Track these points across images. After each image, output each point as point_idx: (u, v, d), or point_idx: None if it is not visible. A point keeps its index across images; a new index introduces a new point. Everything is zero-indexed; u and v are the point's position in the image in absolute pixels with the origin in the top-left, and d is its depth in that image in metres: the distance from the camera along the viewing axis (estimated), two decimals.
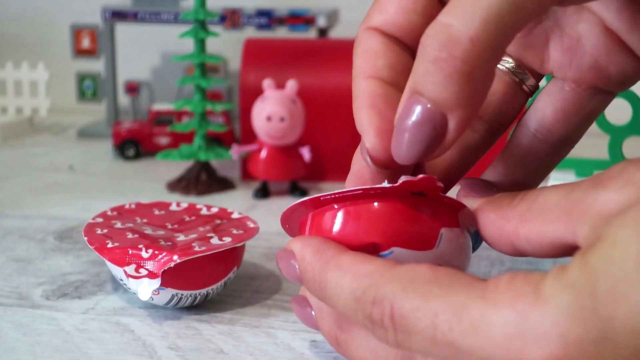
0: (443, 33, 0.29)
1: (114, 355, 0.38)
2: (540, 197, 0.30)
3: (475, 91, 0.29)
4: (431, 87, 0.29)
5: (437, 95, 0.29)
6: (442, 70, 0.29)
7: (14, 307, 0.43)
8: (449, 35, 0.29)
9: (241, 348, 0.38)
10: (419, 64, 0.30)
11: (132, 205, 0.48)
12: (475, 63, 0.29)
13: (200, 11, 0.64)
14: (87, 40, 0.83)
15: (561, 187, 0.30)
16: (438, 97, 0.29)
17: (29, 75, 0.87)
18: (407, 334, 0.28)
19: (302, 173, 0.65)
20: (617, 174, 0.28)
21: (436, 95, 0.29)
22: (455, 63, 0.29)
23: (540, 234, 0.30)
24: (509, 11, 0.28)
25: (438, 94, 0.29)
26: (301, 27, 0.79)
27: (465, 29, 0.28)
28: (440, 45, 0.29)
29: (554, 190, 0.30)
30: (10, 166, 0.73)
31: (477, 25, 0.28)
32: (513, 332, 0.26)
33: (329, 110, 0.67)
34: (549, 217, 0.30)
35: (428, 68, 0.29)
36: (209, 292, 0.42)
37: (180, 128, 0.66)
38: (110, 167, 0.73)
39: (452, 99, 0.29)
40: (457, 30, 0.28)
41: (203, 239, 0.42)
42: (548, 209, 0.30)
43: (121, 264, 0.41)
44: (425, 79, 0.29)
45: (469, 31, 0.28)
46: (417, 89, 0.30)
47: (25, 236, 0.54)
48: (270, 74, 0.66)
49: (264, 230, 0.54)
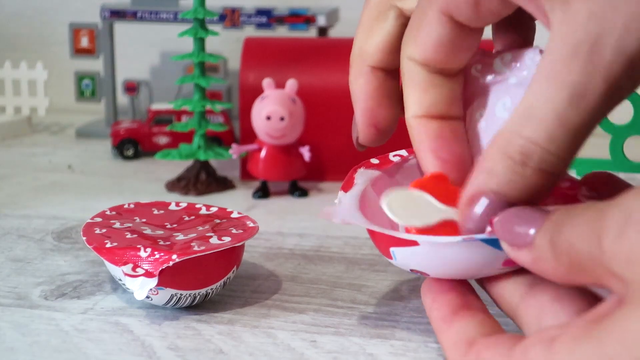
0: (524, 148, 0.30)
1: (113, 355, 0.38)
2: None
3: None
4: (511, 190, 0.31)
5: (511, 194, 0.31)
6: (525, 179, 0.31)
7: (12, 307, 0.43)
8: (530, 151, 0.30)
9: (240, 348, 0.38)
10: (498, 167, 0.31)
11: (131, 205, 0.48)
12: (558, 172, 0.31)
13: (199, 10, 0.63)
14: (85, 39, 0.83)
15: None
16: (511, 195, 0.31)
17: (28, 74, 0.86)
18: None
19: (302, 173, 0.65)
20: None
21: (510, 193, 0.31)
22: (538, 177, 0.31)
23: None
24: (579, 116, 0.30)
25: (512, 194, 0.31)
26: (301, 26, 0.79)
27: (555, 151, 0.30)
28: (521, 158, 0.30)
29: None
30: (8, 166, 0.73)
31: (562, 146, 0.30)
32: None
33: (329, 110, 0.67)
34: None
35: (511, 178, 0.31)
36: (208, 292, 0.42)
37: (180, 127, 0.66)
38: (109, 167, 0.73)
39: (526, 198, 0.31)
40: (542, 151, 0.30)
41: (202, 238, 0.42)
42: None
43: (119, 263, 0.41)
44: (508, 185, 0.31)
45: (557, 151, 0.30)
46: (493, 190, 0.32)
47: (23, 236, 0.54)
48: (270, 73, 0.65)
49: (264, 230, 0.54)
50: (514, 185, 0.31)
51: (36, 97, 0.86)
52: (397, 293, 0.45)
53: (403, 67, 0.35)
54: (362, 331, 0.40)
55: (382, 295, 0.44)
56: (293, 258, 0.50)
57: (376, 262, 0.49)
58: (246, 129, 0.66)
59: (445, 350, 0.32)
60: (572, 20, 0.29)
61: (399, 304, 0.43)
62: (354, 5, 0.92)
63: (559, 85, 0.29)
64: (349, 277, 0.47)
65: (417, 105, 0.35)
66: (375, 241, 0.38)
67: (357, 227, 0.38)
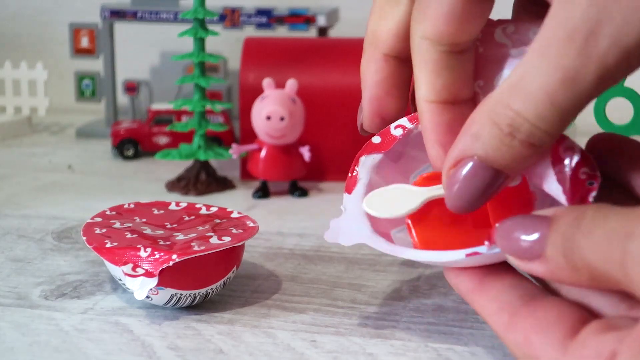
0: (513, 121, 0.31)
1: (112, 355, 0.38)
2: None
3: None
4: (494, 154, 0.31)
5: (498, 160, 0.32)
6: (512, 149, 0.31)
7: (12, 307, 0.43)
8: (518, 124, 0.31)
9: (240, 348, 0.38)
10: (485, 132, 0.31)
11: (131, 204, 0.48)
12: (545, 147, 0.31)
13: (199, 10, 0.63)
14: (86, 39, 0.83)
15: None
16: (498, 162, 0.32)
17: (28, 74, 0.86)
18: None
19: (302, 173, 0.65)
20: None
21: (496, 160, 0.32)
22: (525, 149, 0.31)
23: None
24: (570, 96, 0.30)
25: (499, 161, 0.32)
26: (301, 26, 0.79)
27: (543, 127, 0.30)
28: (510, 129, 0.31)
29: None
30: (8, 166, 0.73)
31: (550, 124, 0.30)
32: None
33: (329, 110, 0.67)
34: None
35: (497, 146, 0.31)
36: (208, 292, 0.42)
37: (180, 127, 0.66)
38: (109, 167, 0.73)
39: (512, 167, 0.32)
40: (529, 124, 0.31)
41: (202, 238, 0.42)
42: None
43: (119, 263, 0.41)
44: (494, 151, 0.31)
45: (546, 128, 0.30)
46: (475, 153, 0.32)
47: (23, 236, 0.54)
48: (270, 73, 0.65)
49: (264, 230, 0.54)
50: (500, 153, 0.31)
51: (36, 97, 0.86)
52: (397, 293, 0.45)
53: (414, 48, 0.35)
54: (362, 331, 0.40)
55: (382, 295, 0.44)
56: (293, 258, 0.50)
57: (376, 262, 0.49)
58: (246, 129, 0.66)
59: (485, 319, 0.33)
60: (573, 4, 0.29)
61: (399, 304, 0.43)
62: (354, 5, 0.92)
63: (553, 66, 0.29)
64: (349, 277, 0.47)
65: (430, 88, 0.35)
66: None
67: None
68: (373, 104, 0.38)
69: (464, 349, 0.38)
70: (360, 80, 0.39)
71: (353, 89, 0.66)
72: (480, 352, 0.38)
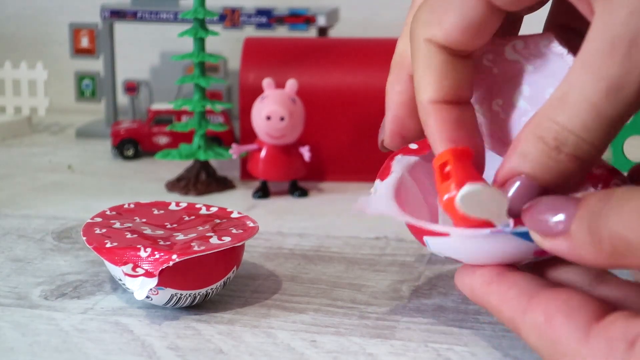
0: (559, 134, 0.31)
1: (112, 355, 0.38)
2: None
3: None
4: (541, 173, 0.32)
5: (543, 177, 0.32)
6: (558, 163, 0.31)
7: (12, 307, 0.43)
8: (564, 137, 0.31)
9: (240, 348, 0.38)
10: (531, 151, 0.32)
11: (131, 205, 0.48)
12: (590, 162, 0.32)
13: (199, 10, 0.63)
14: (86, 39, 0.83)
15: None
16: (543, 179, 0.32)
17: (28, 74, 0.86)
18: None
19: (302, 173, 0.65)
20: None
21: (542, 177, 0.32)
22: (572, 163, 0.32)
23: None
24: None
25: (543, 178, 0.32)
26: (301, 26, 0.79)
27: (589, 139, 0.31)
28: (556, 143, 0.31)
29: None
30: (8, 166, 0.73)
31: (596, 135, 0.31)
32: None
33: (329, 110, 0.67)
34: None
35: (544, 162, 0.32)
36: (208, 292, 0.42)
37: (180, 127, 0.66)
38: (109, 167, 0.73)
39: (558, 183, 0.32)
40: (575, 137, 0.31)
41: (202, 238, 0.42)
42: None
43: (119, 263, 0.41)
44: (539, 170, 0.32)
45: (591, 140, 0.31)
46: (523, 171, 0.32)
47: (23, 236, 0.54)
48: (270, 73, 0.65)
49: (264, 230, 0.54)
50: (547, 169, 0.31)
51: (36, 97, 0.86)
52: (397, 293, 0.45)
53: (417, 49, 0.35)
54: (362, 331, 0.40)
55: (382, 295, 0.44)
56: (293, 258, 0.50)
57: (376, 262, 0.49)
58: (246, 129, 0.66)
59: (501, 307, 0.33)
60: (613, 15, 0.29)
61: (399, 304, 0.43)
62: (354, 5, 0.92)
63: (596, 77, 0.30)
64: (349, 277, 0.47)
65: (436, 89, 0.35)
66: (409, 229, 0.38)
67: (384, 219, 0.38)
68: (395, 124, 0.39)
69: (464, 349, 0.38)
70: (385, 100, 0.39)
71: (353, 89, 0.66)
72: (480, 352, 0.38)
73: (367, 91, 0.66)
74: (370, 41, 0.71)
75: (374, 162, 0.67)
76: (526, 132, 0.32)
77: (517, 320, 0.32)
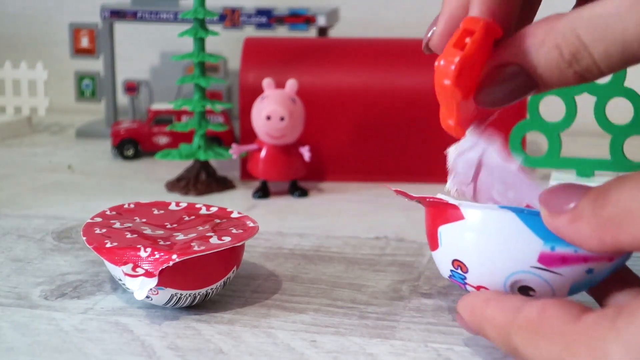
0: (578, 51, 0.31)
1: (112, 355, 0.38)
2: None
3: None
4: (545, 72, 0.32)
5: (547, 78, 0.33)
6: (563, 75, 0.32)
7: (12, 307, 0.43)
8: (581, 56, 0.31)
9: (240, 348, 0.38)
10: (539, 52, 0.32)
11: (131, 205, 0.48)
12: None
13: (199, 10, 0.63)
14: (86, 39, 0.83)
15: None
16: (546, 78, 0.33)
17: (28, 74, 0.86)
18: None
19: (302, 173, 0.65)
20: None
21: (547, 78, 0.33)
22: (574, 79, 0.32)
23: None
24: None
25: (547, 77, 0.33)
26: (301, 26, 0.79)
27: (603, 66, 0.31)
28: (571, 58, 0.31)
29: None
30: (8, 166, 0.73)
31: (611, 65, 0.31)
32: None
33: (329, 110, 0.67)
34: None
35: (550, 68, 0.32)
36: (208, 292, 0.42)
37: (180, 127, 0.66)
38: (109, 167, 0.73)
39: (551, 86, 0.33)
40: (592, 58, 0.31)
41: (202, 238, 0.42)
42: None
43: (119, 263, 0.41)
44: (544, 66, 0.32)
45: (604, 67, 0.31)
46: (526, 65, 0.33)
47: (23, 236, 0.54)
48: (270, 73, 0.65)
49: (264, 230, 0.54)
50: (549, 75, 0.32)
51: (36, 97, 0.86)
52: (397, 293, 0.45)
53: None
54: (362, 331, 0.40)
55: (382, 295, 0.44)
56: (293, 258, 0.50)
57: (376, 262, 0.49)
58: (246, 129, 0.66)
59: (495, 314, 0.33)
60: None
61: (399, 304, 0.43)
62: (354, 5, 0.92)
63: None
64: (349, 277, 0.47)
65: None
66: (426, 226, 0.39)
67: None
68: (450, 24, 0.37)
69: (464, 349, 0.38)
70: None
71: (353, 89, 0.66)
72: (480, 352, 0.38)
73: (367, 91, 0.66)
74: (370, 41, 0.71)
75: (374, 162, 0.68)
76: (545, 30, 0.32)
77: (507, 324, 0.32)
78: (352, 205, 0.61)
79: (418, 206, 0.40)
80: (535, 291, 0.35)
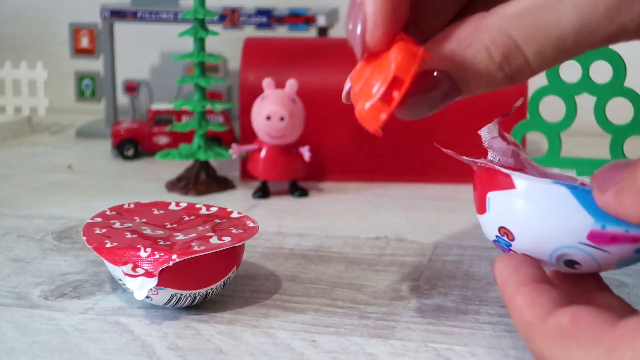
0: (510, 53, 0.30)
1: (112, 355, 0.38)
2: None
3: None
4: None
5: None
6: (491, 79, 0.31)
7: (12, 307, 0.43)
8: (513, 57, 0.30)
9: (240, 348, 0.38)
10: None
11: (131, 204, 0.48)
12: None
13: (199, 10, 0.63)
14: (86, 39, 0.83)
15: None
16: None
17: (28, 74, 0.86)
18: None
19: (302, 172, 0.65)
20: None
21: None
22: (504, 82, 0.31)
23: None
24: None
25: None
26: (301, 26, 0.79)
27: (535, 66, 0.30)
28: (501, 60, 0.30)
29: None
30: (8, 166, 0.73)
31: (543, 64, 0.30)
32: None
33: (329, 110, 0.67)
34: None
35: (478, 70, 0.30)
36: (208, 292, 0.42)
37: (180, 127, 0.66)
38: (109, 167, 0.73)
39: (476, 91, 0.31)
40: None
41: (202, 238, 0.42)
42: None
43: (119, 263, 0.41)
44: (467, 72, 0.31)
45: (536, 67, 0.30)
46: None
47: (23, 236, 0.54)
48: (270, 73, 0.65)
49: (264, 230, 0.54)
50: (477, 78, 0.30)
51: (36, 97, 0.86)
52: (397, 293, 0.45)
53: None
54: (362, 331, 0.40)
55: (382, 295, 0.44)
56: (293, 258, 0.50)
57: (376, 262, 0.49)
58: (246, 129, 0.66)
59: (523, 308, 0.32)
60: None
61: (399, 304, 0.43)
62: None
63: (578, 10, 0.28)
64: (349, 277, 0.47)
65: None
66: (474, 189, 0.39)
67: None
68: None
69: (464, 349, 0.38)
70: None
71: None
72: (480, 352, 0.38)
73: None
74: None
75: (374, 162, 0.68)
76: (474, 33, 0.30)
77: (534, 325, 0.31)
78: (352, 205, 0.61)
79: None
80: (581, 265, 0.35)
